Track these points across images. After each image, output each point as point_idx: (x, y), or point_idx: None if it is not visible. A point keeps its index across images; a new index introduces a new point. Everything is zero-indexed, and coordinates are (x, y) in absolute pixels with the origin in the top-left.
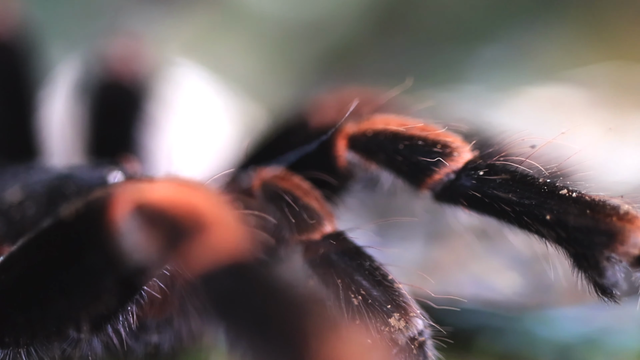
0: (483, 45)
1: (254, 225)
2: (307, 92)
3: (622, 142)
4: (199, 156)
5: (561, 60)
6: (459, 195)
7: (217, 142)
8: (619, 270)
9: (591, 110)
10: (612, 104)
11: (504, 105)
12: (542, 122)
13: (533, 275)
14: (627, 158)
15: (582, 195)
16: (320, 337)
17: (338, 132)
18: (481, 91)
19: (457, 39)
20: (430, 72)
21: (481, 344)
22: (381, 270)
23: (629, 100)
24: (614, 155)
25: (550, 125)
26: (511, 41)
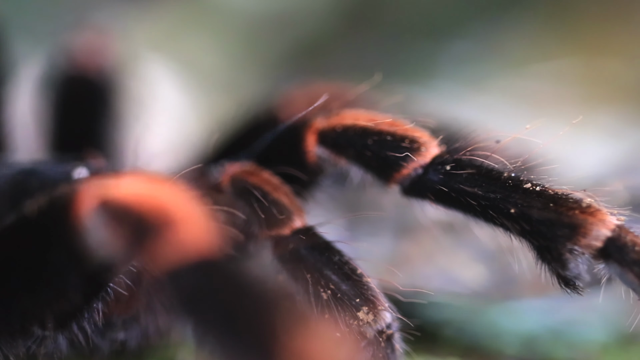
0: (451, 40)
1: (223, 220)
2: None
3: (585, 137)
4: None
5: (528, 55)
6: (427, 189)
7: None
8: (582, 263)
9: (557, 104)
10: (578, 98)
11: (471, 99)
12: (509, 116)
13: (498, 267)
14: (590, 152)
15: (546, 189)
16: (289, 332)
17: (307, 127)
18: (449, 86)
19: (425, 34)
20: (399, 67)
21: (447, 336)
22: (350, 264)
23: (595, 95)
24: (577, 149)
25: (517, 119)
26: (479, 36)
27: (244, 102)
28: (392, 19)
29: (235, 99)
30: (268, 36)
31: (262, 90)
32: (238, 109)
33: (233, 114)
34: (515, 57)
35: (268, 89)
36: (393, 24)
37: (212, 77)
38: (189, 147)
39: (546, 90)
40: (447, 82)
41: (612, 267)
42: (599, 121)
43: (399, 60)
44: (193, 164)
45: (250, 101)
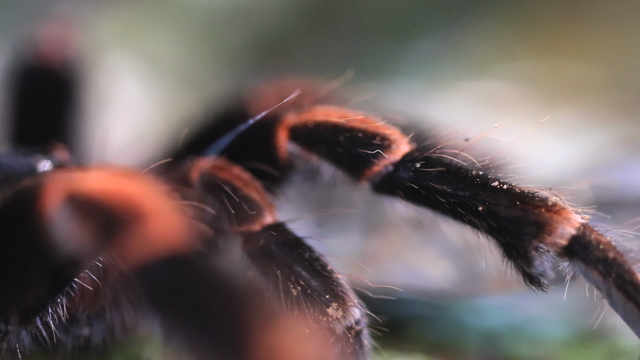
0: (415, 40)
1: (192, 215)
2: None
3: (550, 136)
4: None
5: (493, 55)
6: (397, 186)
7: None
8: (547, 260)
9: (522, 105)
10: (542, 99)
11: (437, 99)
12: (474, 116)
13: (464, 264)
14: (555, 151)
15: (513, 187)
16: (258, 328)
17: (279, 122)
18: (415, 85)
19: (389, 33)
20: (363, 65)
21: (413, 333)
22: (320, 260)
23: (558, 95)
24: (543, 148)
25: (482, 119)
26: (443, 36)
27: (212, 97)
28: (355, 17)
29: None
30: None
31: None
32: (207, 103)
33: (202, 108)
34: (479, 58)
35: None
36: (357, 22)
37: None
38: (156, 142)
39: (511, 91)
40: (412, 81)
41: (577, 265)
42: (563, 121)
43: (362, 58)
44: (161, 158)
45: (219, 96)
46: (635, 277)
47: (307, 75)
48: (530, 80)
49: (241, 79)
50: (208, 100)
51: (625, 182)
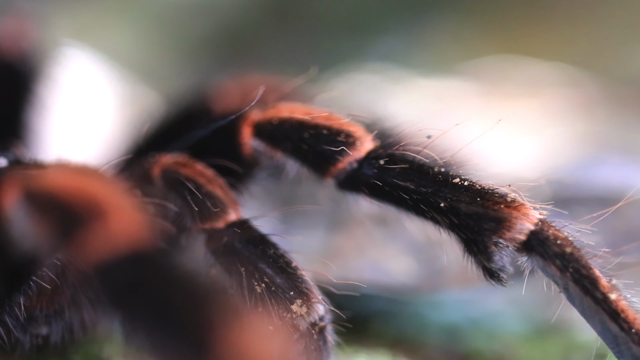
0: (377, 37)
1: (153, 213)
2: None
3: (511, 133)
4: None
5: (454, 53)
6: (361, 183)
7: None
8: (506, 255)
9: (483, 102)
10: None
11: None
12: (436, 113)
13: (427, 260)
14: (515, 148)
15: (473, 183)
16: (222, 325)
17: (243, 119)
18: (377, 81)
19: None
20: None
21: (376, 328)
22: (285, 257)
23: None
24: (503, 145)
25: (444, 116)
26: (406, 33)
27: (174, 92)
28: (318, 13)
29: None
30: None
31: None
32: (168, 99)
33: (163, 104)
34: (441, 55)
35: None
36: (319, 18)
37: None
38: (116, 138)
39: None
40: (375, 77)
41: (535, 259)
42: (524, 118)
43: (325, 54)
44: (121, 155)
45: (181, 91)
46: (591, 271)
47: (270, 71)
48: (491, 77)
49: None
50: (170, 95)
51: (582, 179)
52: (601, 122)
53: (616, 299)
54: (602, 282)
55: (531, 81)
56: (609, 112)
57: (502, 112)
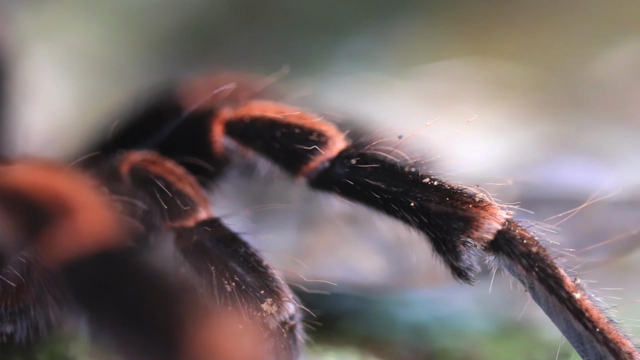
0: (347, 37)
1: (121, 211)
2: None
3: (480, 134)
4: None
5: (424, 53)
6: (333, 182)
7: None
8: (474, 254)
9: (452, 103)
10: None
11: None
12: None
13: (397, 259)
14: (484, 148)
15: (443, 183)
16: (190, 324)
17: (214, 117)
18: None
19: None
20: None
21: (345, 327)
22: (256, 256)
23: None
24: (472, 145)
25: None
26: (376, 33)
27: (143, 89)
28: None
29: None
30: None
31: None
32: (137, 95)
33: (132, 100)
34: (412, 55)
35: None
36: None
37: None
38: (84, 135)
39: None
40: (344, 78)
41: (502, 259)
42: (491, 119)
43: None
44: (89, 152)
45: (150, 88)
46: (557, 271)
47: (239, 69)
48: (460, 78)
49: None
50: (139, 92)
51: (548, 180)
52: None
53: (580, 298)
54: (566, 282)
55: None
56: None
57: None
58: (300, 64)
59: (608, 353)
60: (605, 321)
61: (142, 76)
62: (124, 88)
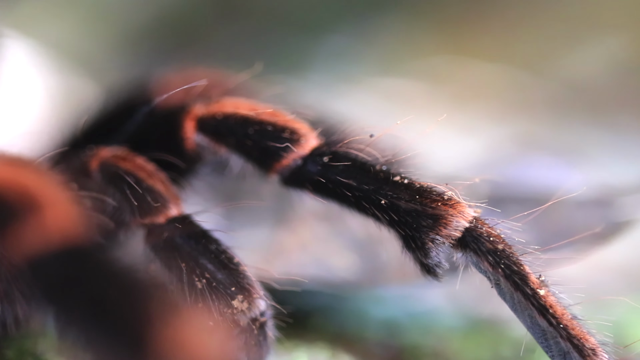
0: (326, 35)
1: (90, 207)
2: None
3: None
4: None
5: (402, 53)
6: (306, 180)
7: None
8: (442, 251)
9: (428, 102)
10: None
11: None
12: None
13: (369, 256)
14: (457, 147)
15: (413, 182)
16: (159, 321)
17: (186, 113)
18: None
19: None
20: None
21: (317, 323)
22: (227, 253)
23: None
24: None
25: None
26: (354, 32)
27: (115, 84)
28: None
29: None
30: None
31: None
32: (108, 90)
33: (103, 95)
34: (389, 54)
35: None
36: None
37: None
38: (53, 130)
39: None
40: (321, 76)
41: (469, 256)
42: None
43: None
44: (59, 147)
45: (122, 83)
46: (522, 268)
47: (216, 65)
48: (437, 78)
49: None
50: (110, 87)
51: (518, 178)
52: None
53: (545, 294)
54: (531, 278)
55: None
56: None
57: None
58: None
59: (572, 349)
60: (569, 317)
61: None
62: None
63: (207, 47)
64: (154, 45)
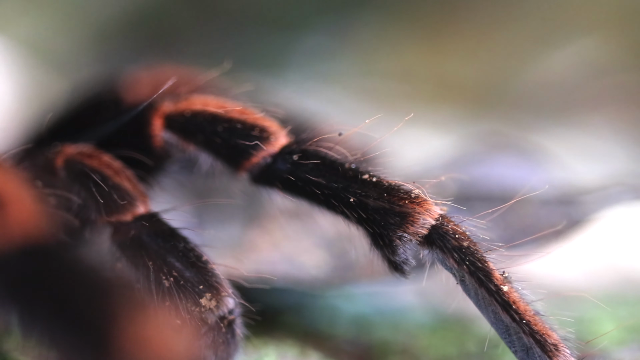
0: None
1: (55, 204)
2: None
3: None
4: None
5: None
6: (275, 178)
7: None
8: (409, 248)
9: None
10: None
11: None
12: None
13: (340, 253)
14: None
15: (381, 180)
16: (125, 319)
17: (154, 110)
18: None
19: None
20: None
21: (288, 321)
22: (195, 251)
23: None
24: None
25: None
26: (331, 31)
27: (82, 80)
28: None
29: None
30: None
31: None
32: (76, 87)
33: (70, 92)
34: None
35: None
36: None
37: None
38: (17, 126)
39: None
40: (298, 74)
41: (435, 253)
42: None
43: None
44: (23, 143)
45: (90, 79)
46: (486, 264)
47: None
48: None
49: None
50: (77, 84)
51: (485, 177)
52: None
53: (508, 290)
54: (495, 275)
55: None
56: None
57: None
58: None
59: (534, 344)
60: (532, 313)
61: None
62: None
63: (183, 44)
64: (127, 43)
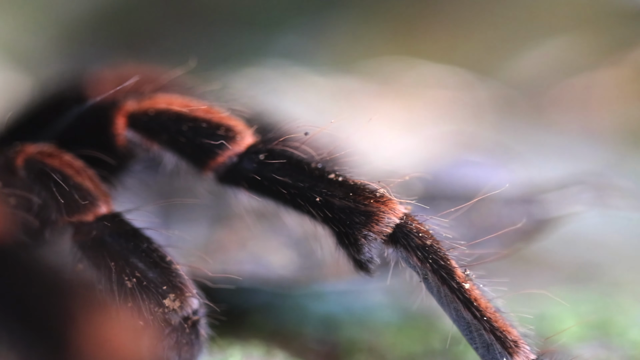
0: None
1: (13, 204)
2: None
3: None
4: None
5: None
6: (241, 178)
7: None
8: (374, 247)
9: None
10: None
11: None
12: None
13: (307, 253)
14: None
15: (347, 179)
16: (83, 320)
17: (117, 109)
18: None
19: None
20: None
21: (255, 321)
22: (159, 251)
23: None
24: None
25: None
26: (305, 31)
27: (45, 79)
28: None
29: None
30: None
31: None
32: (38, 86)
33: (32, 91)
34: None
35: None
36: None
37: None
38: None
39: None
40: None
41: (400, 251)
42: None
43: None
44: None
45: (52, 77)
46: (449, 262)
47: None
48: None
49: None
50: (39, 82)
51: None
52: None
53: (470, 288)
54: (457, 273)
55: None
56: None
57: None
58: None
59: (494, 341)
60: (493, 310)
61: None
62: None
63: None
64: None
